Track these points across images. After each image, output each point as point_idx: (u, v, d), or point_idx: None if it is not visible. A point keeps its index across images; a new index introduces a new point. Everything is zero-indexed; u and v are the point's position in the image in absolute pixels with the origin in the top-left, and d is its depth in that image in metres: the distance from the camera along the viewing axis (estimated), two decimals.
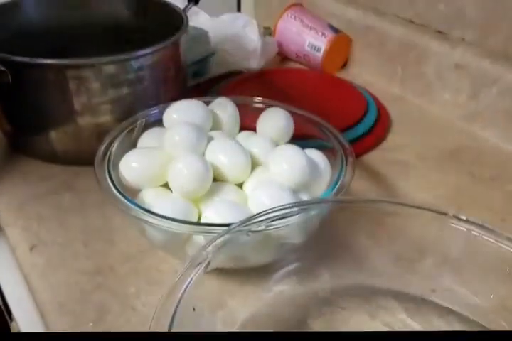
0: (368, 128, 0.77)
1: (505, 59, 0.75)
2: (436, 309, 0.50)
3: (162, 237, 0.52)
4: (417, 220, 0.49)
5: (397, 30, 0.87)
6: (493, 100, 0.76)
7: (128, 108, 0.66)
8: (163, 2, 0.78)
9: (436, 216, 0.47)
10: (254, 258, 0.52)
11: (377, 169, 0.71)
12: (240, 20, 0.97)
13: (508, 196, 0.67)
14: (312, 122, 0.62)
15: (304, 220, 0.48)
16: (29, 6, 0.77)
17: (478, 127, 0.79)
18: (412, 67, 0.86)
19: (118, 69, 0.64)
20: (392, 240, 0.52)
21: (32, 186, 0.67)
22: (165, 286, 0.53)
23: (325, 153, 0.58)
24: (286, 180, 0.52)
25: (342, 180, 0.52)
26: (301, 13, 0.98)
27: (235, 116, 0.63)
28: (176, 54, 0.71)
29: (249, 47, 0.94)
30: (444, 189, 0.68)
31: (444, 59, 0.81)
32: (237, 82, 0.87)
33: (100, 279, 0.55)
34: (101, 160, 0.54)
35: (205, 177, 0.51)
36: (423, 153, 0.75)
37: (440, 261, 0.50)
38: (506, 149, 0.76)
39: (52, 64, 0.62)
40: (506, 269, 0.44)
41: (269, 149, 0.57)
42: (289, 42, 0.99)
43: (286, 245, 0.53)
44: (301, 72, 0.97)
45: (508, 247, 0.44)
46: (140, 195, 0.54)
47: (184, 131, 0.55)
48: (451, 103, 0.82)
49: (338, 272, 0.53)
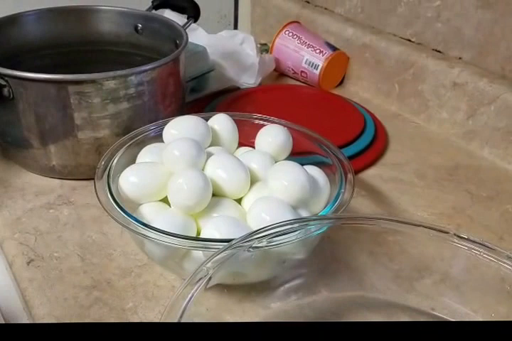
0: (365, 146, 0.77)
1: (503, 79, 0.75)
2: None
3: (161, 252, 0.52)
4: (418, 238, 0.48)
5: (394, 48, 0.87)
6: (491, 119, 0.76)
7: (128, 123, 0.66)
8: (163, 19, 0.78)
9: (437, 234, 0.46)
10: (254, 274, 0.52)
11: (374, 186, 0.71)
12: (238, 36, 0.98)
13: (505, 215, 0.67)
14: (311, 138, 0.62)
15: (305, 236, 0.47)
16: (30, 22, 0.77)
17: (476, 146, 0.79)
18: (409, 85, 0.87)
19: (118, 84, 0.64)
20: (392, 258, 0.51)
21: (30, 200, 0.67)
22: (163, 301, 0.53)
23: (324, 169, 0.58)
24: (286, 196, 0.52)
25: (342, 197, 0.52)
26: (299, 31, 0.99)
27: (234, 132, 0.63)
28: (175, 70, 0.71)
29: (246, 64, 0.94)
30: (441, 207, 0.68)
31: (441, 77, 0.81)
32: (234, 98, 0.86)
33: (97, 294, 0.54)
34: (101, 174, 0.54)
35: (204, 193, 0.51)
36: (421, 171, 0.75)
37: (440, 280, 0.50)
38: (504, 168, 0.75)
39: (54, 79, 0.62)
40: (507, 288, 0.44)
41: (268, 165, 0.57)
42: (286, 58, 0.99)
43: (285, 261, 0.52)
44: (299, 88, 0.97)
45: (508, 266, 0.44)
46: (139, 210, 0.54)
47: (184, 146, 0.55)
48: (448, 121, 0.82)
49: (337, 289, 0.52)
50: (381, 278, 0.52)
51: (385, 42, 0.89)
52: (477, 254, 0.45)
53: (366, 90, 0.95)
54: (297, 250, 0.51)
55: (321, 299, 0.52)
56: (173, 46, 0.73)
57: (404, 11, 0.87)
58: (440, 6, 0.81)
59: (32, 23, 0.77)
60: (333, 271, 0.53)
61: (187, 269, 0.51)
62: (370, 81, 0.94)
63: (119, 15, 0.80)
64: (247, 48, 0.95)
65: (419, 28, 0.85)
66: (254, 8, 1.15)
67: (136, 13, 0.80)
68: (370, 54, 0.92)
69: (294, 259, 0.53)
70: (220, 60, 0.92)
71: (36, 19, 0.78)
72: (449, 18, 0.80)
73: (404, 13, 0.87)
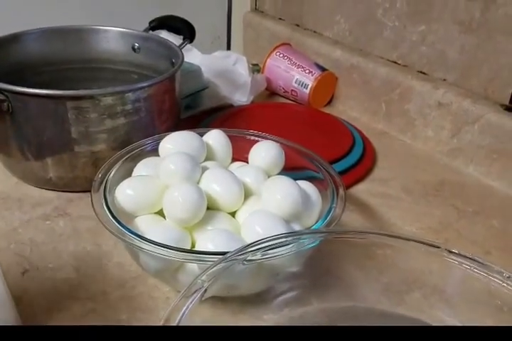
0: (354, 162, 0.76)
1: (486, 99, 0.75)
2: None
3: (155, 264, 0.50)
4: (408, 252, 0.47)
5: (381, 69, 0.87)
6: (475, 137, 0.75)
7: (124, 137, 0.65)
8: (160, 39, 0.78)
9: (428, 249, 0.45)
10: (248, 286, 0.50)
11: (363, 201, 0.70)
12: (231, 57, 0.98)
13: (491, 230, 0.66)
14: (303, 154, 0.62)
15: (298, 250, 0.46)
16: (31, 40, 0.76)
17: (461, 163, 0.78)
18: (395, 105, 0.86)
19: (116, 100, 0.63)
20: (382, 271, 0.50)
21: (26, 211, 0.65)
22: (157, 313, 0.51)
23: (315, 184, 0.57)
24: (279, 210, 0.51)
25: (333, 212, 0.51)
26: (289, 52, 0.98)
27: (228, 147, 0.62)
28: (171, 87, 0.70)
29: (239, 83, 0.94)
30: (429, 222, 0.67)
31: (426, 97, 0.80)
32: (228, 115, 0.86)
33: (92, 305, 0.52)
34: (98, 186, 0.53)
35: (199, 206, 0.50)
36: (408, 187, 0.74)
37: (430, 293, 0.49)
38: (488, 184, 0.75)
39: (53, 94, 0.61)
40: (497, 302, 0.43)
41: (261, 180, 0.56)
42: (277, 78, 0.99)
43: (279, 274, 0.51)
44: (290, 106, 0.97)
45: (498, 280, 0.42)
46: (135, 222, 0.53)
47: (179, 160, 0.54)
48: (434, 139, 0.81)
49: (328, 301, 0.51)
50: (372, 291, 0.50)
51: (372, 63, 0.88)
52: (467, 269, 0.44)
53: (354, 109, 0.94)
54: (290, 263, 0.50)
55: (313, 311, 0.51)
56: (169, 65, 0.73)
57: (390, 34, 0.86)
58: (425, 31, 0.81)
59: (33, 41, 0.76)
60: (324, 284, 0.52)
61: (181, 281, 0.50)
62: (357, 100, 0.93)
63: (117, 35, 0.79)
64: (240, 68, 0.95)
65: (404, 50, 0.85)
66: (247, 30, 1.15)
67: (134, 34, 0.79)
68: (358, 75, 0.91)
69: (287, 272, 0.51)
70: (214, 79, 0.92)
71: (37, 37, 0.77)
72: (433, 41, 0.80)
73: (390, 36, 0.86)
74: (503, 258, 0.61)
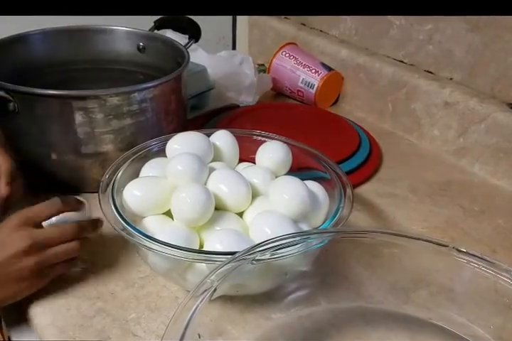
0: (361, 162, 0.76)
1: (492, 98, 0.75)
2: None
3: (164, 264, 0.51)
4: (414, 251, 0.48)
5: (387, 69, 0.87)
6: (481, 137, 0.76)
7: (131, 138, 0.66)
8: (166, 39, 0.78)
9: (436, 248, 0.46)
10: (256, 285, 0.51)
11: (370, 201, 0.71)
12: (237, 57, 0.98)
13: (497, 229, 0.66)
14: (310, 154, 0.62)
15: (306, 249, 0.46)
16: (37, 41, 0.77)
17: (467, 162, 0.79)
18: (402, 104, 0.87)
19: (122, 101, 0.63)
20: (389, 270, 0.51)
21: None
22: (165, 312, 0.52)
23: (323, 184, 0.57)
24: (287, 210, 0.51)
25: (341, 212, 0.52)
26: (296, 52, 0.99)
27: (235, 147, 0.63)
28: (177, 88, 0.71)
29: (245, 83, 0.94)
30: (435, 221, 0.67)
31: (433, 97, 0.81)
32: (234, 115, 0.86)
33: (101, 304, 0.53)
34: (105, 187, 0.53)
35: (207, 207, 0.50)
36: (414, 186, 0.74)
37: (436, 291, 0.49)
38: (494, 184, 0.75)
39: (59, 95, 0.61)
40: (505, 300, 0.43)
41: (268, 180, 0.57)
42: (283, 78, 0.99)
43: (287, 273, 0.52)
44: (295, 106, 0.97)
45: (506, 279, 0.43)
46: (143, 222, 0.53)
47: (187, 161, 0.54)
48: (440, 139, 0.82)
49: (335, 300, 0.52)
50: (379, 290, 0.51)
51: (379, 63, 0.89)
52: (475, 267, 0.44)
53: (360, 109, 0.95)
54: (299, 262, 0.51)
55: (321, 310, 0.52)
56: (175, 65, 0.73)
57: (396, 33, 0.87)
58: (432, 29, 0.81)
59: (39, 41, 0.77)
60: (332, 283, 0.53)
61: (190, 281, 0.50)
62: (364, 100, 0.94)
63: (122, 35, 0.80)
64: (246, 68, 0.95)
65: (411, 49, 0.85)
66: (252, 30, 1.15)
67: (139, 33, 0.79)
68: (364, 74, 0.92)
69: (295, 271, 0.52)
70: (220, 79, 0.92)
71: (43, 38, 0.77)
72: (440, 40, 0.80)
73: (396, 35, 0.87)
74: (509, 257, 0.62)
